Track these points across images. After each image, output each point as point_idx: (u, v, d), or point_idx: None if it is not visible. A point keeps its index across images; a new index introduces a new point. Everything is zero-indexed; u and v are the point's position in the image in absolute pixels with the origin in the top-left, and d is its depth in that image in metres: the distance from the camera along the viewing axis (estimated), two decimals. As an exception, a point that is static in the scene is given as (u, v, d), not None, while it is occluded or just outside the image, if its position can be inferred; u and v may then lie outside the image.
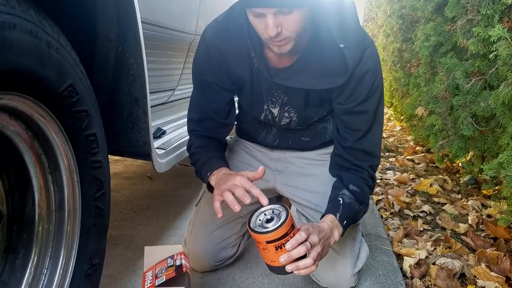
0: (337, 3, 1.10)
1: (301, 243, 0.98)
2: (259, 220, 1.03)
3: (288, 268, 0.99)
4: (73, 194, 0.93)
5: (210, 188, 1.22)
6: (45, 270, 0.92)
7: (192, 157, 1.32)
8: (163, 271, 1.14)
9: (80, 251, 0.96)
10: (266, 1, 0.96)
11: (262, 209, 1.05)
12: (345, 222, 1.14)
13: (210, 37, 1.21)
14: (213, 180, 1.19)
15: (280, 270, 1.02)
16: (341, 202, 1.16)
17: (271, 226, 0.99)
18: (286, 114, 1.28)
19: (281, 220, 0.99)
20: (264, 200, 1.04)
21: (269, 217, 1.03)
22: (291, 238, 0.98)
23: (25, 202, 0.89)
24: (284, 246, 0.98)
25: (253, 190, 1.06)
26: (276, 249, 0.99)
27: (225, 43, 1.19)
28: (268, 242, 0.98)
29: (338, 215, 1.14)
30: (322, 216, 1.16)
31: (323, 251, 1.05)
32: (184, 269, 1.13)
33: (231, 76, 1.24)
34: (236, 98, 1.40)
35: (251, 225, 1.02)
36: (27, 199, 0.89)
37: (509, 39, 1.31)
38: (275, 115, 1.29)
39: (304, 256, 0.99)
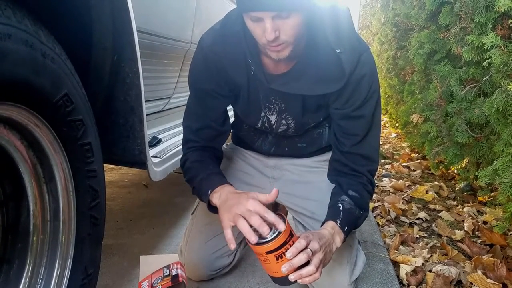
0: (332, 9, 1.11)
1: (302, 250, 0.97)
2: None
3: (291, 277, 0.98)
4: (68, 204, 0.92)
5: (211, 207, 1.17)
6: (40, 281, 0.91)
7: (187, 173, 1.26)
8: (159, 280, 1.14)
9: (75, 261, 0.95)
10: (264, 5, 0.96)
11: None
12: (346, 228, 1.14)
13: (207, 44, 1.21)
14: (216, 199, 1.14)
15: (283, 280, 1.01)
16: (341, 208, 1.16)
17: (269, 236, 0.98)
18: (284, 121, 1.29)
19: (278, 229, 0.98)
20: (281, 225, 0.98)
21: None
22: (290, 246, 0.97)
23: (20, 212, 0.89)
24: (285, 255, 0.97)
25: (268, 215, 1.00)
26: (277, 259, 0.98)
27: (223, 50, 1.19)
28: (268, 253, 0.98)
29: (338, 221, 1.13)
30: (323, 223, 1.15)
31: (325, 258, 1.04)
32: (180, 279, 1.13)
33: (229, 82, 1.24)
34: (229, 107, 1.39)
35: None
36: (22, 209, 0.88)
37: (502, 46, 1.32)
38: (273, 122, 1.29)
39: (306, 264, 0.99)
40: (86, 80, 1.05)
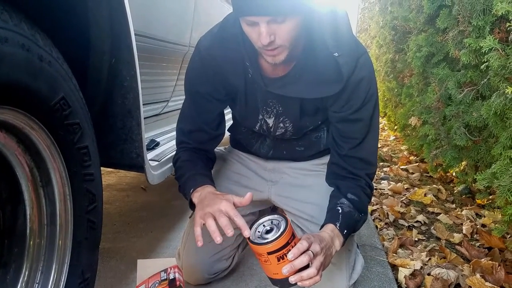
0: (331, 13, 1.11)
1: (303, 252, 0.97)
2: (258, 231, 1.02)
3: (292, 279, 0.97)
4: (65, 208, 0.92)
5: (192, 206, 1.19)
6: (37, 285, 0.90)
7: (177, 171, 1.29)
8: (157, 285, 1.13)
9: (72, 265, 0.95)
10: (259, 10, 0.96)
11: (261, 220, 1.04)
12: (345, 231, 1.13)
13: (205, 47, 1.21)
14: (196, 198, 1.16)
15: (283, 282, 1.00)
16: (340, 211, 1.16)
17: (271, 236, 0.98)
18: (281, 125, 1.28)
19: (281, 230, 0.97)
20: (246, 232, 1.00)
21: (268, 228, 1.01)
22: (292, 247, 0.97)
23: (16, 216, 0.88)
24: (286, 256, 0.96)
25: (237, 219, 1.02)
26: (278, 260, 0.97)
27: (220, 53, 1.19)
28: (269, 253, 0.97)
29: (338, 224, 1.13)
30: (322, 226, 1.15)
31: (325, 260, 1.03)
32: (177, 283, 1.12)
33: (226, 86, 1.25)
34: (227, 110, 1.39)
35: (250, 237, 1.01)
36: (19, 213, 0.88)
37: (500, 50, 1.32)
38: (270, 125, 1.29)
39: (306, 267, 0.98)
40: (83, 83, 1.05)
